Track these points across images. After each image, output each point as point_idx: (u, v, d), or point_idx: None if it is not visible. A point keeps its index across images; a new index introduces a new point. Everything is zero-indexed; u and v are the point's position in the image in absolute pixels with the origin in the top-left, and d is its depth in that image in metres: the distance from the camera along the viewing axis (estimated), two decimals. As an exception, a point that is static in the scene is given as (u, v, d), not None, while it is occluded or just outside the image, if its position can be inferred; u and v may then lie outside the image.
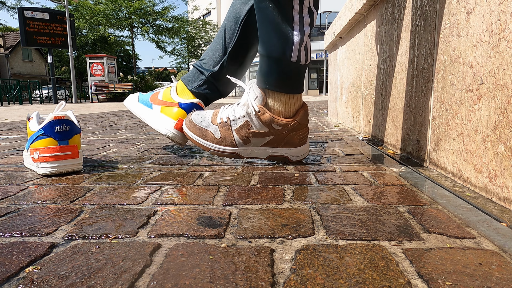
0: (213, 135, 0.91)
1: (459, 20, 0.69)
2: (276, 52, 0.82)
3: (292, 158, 0.92)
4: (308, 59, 0.85)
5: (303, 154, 0.93)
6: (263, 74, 0.86)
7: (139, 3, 16.02)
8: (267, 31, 0.82)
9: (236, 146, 0.90)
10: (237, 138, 0.89)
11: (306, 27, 0.81)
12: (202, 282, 0.35)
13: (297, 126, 0.88)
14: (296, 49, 0.81)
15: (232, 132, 0.89)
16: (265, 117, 0.86)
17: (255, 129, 0.88)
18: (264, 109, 0.86)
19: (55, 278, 0.36)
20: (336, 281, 0.35)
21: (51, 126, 0.78)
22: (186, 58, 22.57)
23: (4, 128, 2.14)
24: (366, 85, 1.46)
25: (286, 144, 0.90)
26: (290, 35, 0.80)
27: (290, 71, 0.84)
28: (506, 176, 0.54)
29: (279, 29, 0.80)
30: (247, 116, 0.87)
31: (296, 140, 0.90)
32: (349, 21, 1.65)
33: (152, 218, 0.52)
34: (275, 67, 0.83)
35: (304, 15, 0.80)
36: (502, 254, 0.40)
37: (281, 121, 0.86)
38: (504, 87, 0.55)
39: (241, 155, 0.91)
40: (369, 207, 0.56)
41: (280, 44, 0.81)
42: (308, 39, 0.83)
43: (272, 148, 0.90)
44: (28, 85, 11.28)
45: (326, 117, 2.68)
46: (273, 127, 0.87)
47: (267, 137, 0.89)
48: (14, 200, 0.62)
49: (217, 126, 0.91)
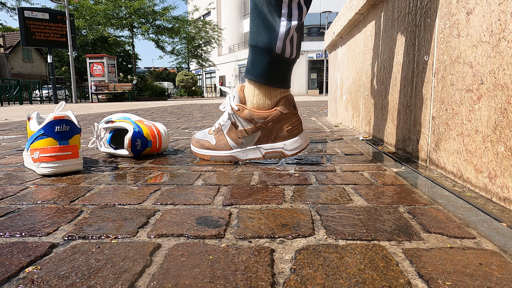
0: (209, 143, 0.95)
1: (459, 20, 0.69)
2: (262, 43, 0.83)
3: (287, 152, 0.89)
4: (293, 53, 0.86)
5: (299, 147, 0.89)
6: (248, 66, 0.89)
7: (139, 3, 16.02)
8: (256, 21, 0.84)
9: (231, 148, 0.92)
10: (229, 141, 0.91)
11: (294, 20, 0.82)
12: (202, 282, 0.35)
13: (279, 116, 0.87)
14: (281, 40, 0.82)
15: (224, 136, 0.92)
16: (244, 113, 0.88)
17: (241, 127, 0.90)
18: (242, 106, 0.89)
19: (55, 278, 0.36)
20: (336, 281, 0.35)
21: (51, 126, 0.78)
22: (186, 58, 22.58)
23: (4, 128, 2.14)
24: (366, 85, 1.46)
25: (276, 138, 0.89)
26: (276, 25, 0.82)
27: (274, 63, 0.85)
28: (506, 176, 0.54)
29: (267, 19, 0.82)
30: (230, 117, 0.91)
31: (285, 131, 0.88)
32: (349, 21, 1.65)
33: (152, 218, 0.52)
34: (260, 58, 0.85)
35: (293, 9, 0.81)
36: (502, 254, 0.40)
37: (261, 114, 0.87)
38: (504, 87, 0.55)
39: (238, 158, 0.92)
40: (369, 207, 0.56)
41: (266, 34, 0.83)
42: (295, 33, 0.84)
43: (265, 144, 0.91)
44: (28, 85, 11.27)
45: (326, 117, 2.67)
46: (255, 121, 0.88)
47: (255, 133, 0.90)
48: (14, 200, 0.62)
49: (212, 134, 0.95)
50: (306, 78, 23.83)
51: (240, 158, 0.92)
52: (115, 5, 16.12)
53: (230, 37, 27.18)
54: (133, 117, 1.05)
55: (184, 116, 3.08)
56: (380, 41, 1.25)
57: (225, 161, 0.93)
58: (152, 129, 1.02)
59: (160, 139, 1.03)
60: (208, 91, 27.24)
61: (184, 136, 1.55)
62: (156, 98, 13.94)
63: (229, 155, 0.92)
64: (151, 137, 1.01)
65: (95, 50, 18.31)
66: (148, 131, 1.00)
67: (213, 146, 0.94)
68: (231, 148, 0.92)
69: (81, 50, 18.31)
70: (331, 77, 2.51)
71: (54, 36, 11.23)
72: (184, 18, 18.68)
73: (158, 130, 1.03)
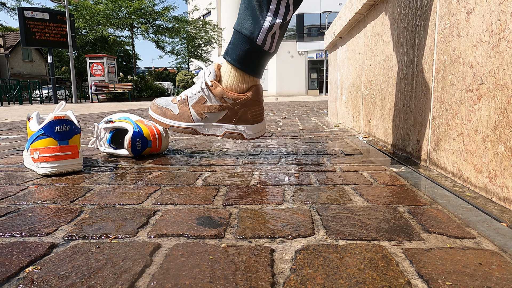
0: (172, 112, 0.97)
1: (459, 20, 0.69)
2: (246, 30, 0.88)
3: (247, 135, 0.94)
4: (272, 48, 0.91)
5: (258, 132, 0.96)
6: (229, 47, 0.92)
7: (139, 3, 16.01)
8: (245, 8, 0.89)
9: (193, 121, 0.94)
10: (193, 113, 0.94)
11: (279, 18, 0.86)
12: (202, 282, 0.35)
13: (248, 101, 0.92)
14: (263, 33, 0.87)
15: (189, 108, 0.95)
16: (217, 90, 0.91)
17: (209, 103, 0.92)
18: (216, 83, 0.92)
19: (55, 278, 0.36)
20: (336, 281, 0.35)
21: (51, 126, 0.78)
22: (186, 58, 22.58)
23: (4, 128, 2.14)
24: (366, 85, 1.46)
25: (240, 120, 0.93)
26: (261, 19, 0.86)
27: (253, 52, 0.90)
28: (506, 176, 0.54)
29: (255, 10, 0.87)
30: (202, 91, 0.93)
31: (250, 116, 0.93)
32: (349, 21, 1.65)
33: (152, 218, 0.52)
34: (241, 44, 0.90)
35: (281, 7, 0.86)
36: (502, 254, 0.40)
37: (232, 95, 0.91)
38: (504, 87, 0.55)
39: (198, 131, 0.95)
40: (369, 207, 0.56)
41: (251, 24, 0.87)
42: (278, 30, 0.88)
43: (227, 124, 0.94)
44: (28, 85, 11.27)
45: (326, 117, 2.67)
46: (225, 100, 0.91)
47: (221, 111, 0.92)
48: (14, 200, 0.62)
49: (176, 103, 0.97)
50: (306, 78, 23.82)
51: (200, 132, 0.95)
52: (115, 5, 16.12)
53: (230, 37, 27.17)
54: (133, 117, 1.05)
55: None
56: (380, 41, 1.25)
57: (185, 132, 0.96)
58: (152, 129, 1.02)
59: (160, 139, 1.03)
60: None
61: (184, 136, 1.55)
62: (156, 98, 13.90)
63: (189, 127, 0.95)
64: (151, 137, 1.01)
65: (95, 50, 18.30)
66: (148, 131, 1.00)
67: (175, 115, 0.96)
68: (193, 121, 0.94)
69: (81, 50, 18.30)
70: (331, 77, 2.51)
71: (54, 36, 11.23)
72: (184, 18, 18.67)
73: (158, 130, 1.03)
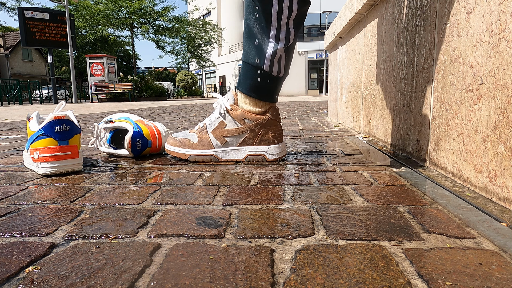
0: (190, 141, 0.95)
1: (459, 20, 0.69)
2: (252, 60, 0.91)
3: (270, 156, 0.94)
4: (281, 72, 0.92)
5: (280, 152, 0.95)
6: (240, 78, 0.95)
7: (139, 3, 16.00)
8: (248, 39, 0.91)
9: (213, 147, 0.93)
10: (213, 139, 0.93)
11: (281, 42, 0.88)
12: (202, 282, 0.35)
13: (268, 121, 0.93)
14: (268, 60, 0.89)
15: (208, 134, 0.94)
16: (236, 113, 0.92)
17: (229, 126, 0.92)
18: (235, 106, 0.92)
19: (55, 278, 0.36)
20: (336, 281, 0.35)
21: (51, 126, 0.78)
22: (186, 58, 22.57)
23: (4, 128, 2.14)
24: (366, 85, 1.46)
25: (261, 142, 0.93)
26: (264, 46, 0.89)
27: (263, 79, 0.91)
28: (506, 176, 0.54)
29: (257, 39, 0.89)
30: (221, 117, 0.93)
31: (271, 137, 0.94)
32: (349, 21, 1.65)
33: (152, 218, 0.52)
34: (250, 73, 0.92)
35: (281, 32, 0.88)
36: (502, 254, 0.40)
37: (252, 116, 0.92)
38: (504, 87, 0.55)
39: (219, 157, 0.93)
40: (369, 207, 0.56)
41: (256, 53, 0.90)
42: (283, 54, 0.90)
43: (249, 146, 0.93)
44: (28, 85, 11.26)
45: (326, 117, 2.67)
46: (245, 121, 0.92)
47: (242, 134, 0.92)
48: (14, 200, 0.62)
49: (195, 132, 0.96)
50: (306, 78, 23.82)
51: (221, 158, 0.94)
52: (115, 5, 16.11)
53: (230, 37, 27.16)
54: (133, 117, 1.05)
55: (184, 116, 3.08)
56: (380, 41, 1.25)
57: (205, 160, 0.94)
58: (152, 129, 1.02)
59: (160, 139, 1.03)
60: (208, 91, 27.24)
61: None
62: (156, 98, 13.93)
63: (210, 153, 0.93)
64: (151, 137, 1.01)
65: (95, 50, 18.30)
66: (148, 131, 1.00)
67: (194, 144, 0.94)
68: (214, 147, 0.93)
69: (81, 50, 18.30)
70: (331, 77, 2.51)
71: (54, 36, 11.22)
72: (184, 18, 18.66)
73: (158, 130, 1.03)
